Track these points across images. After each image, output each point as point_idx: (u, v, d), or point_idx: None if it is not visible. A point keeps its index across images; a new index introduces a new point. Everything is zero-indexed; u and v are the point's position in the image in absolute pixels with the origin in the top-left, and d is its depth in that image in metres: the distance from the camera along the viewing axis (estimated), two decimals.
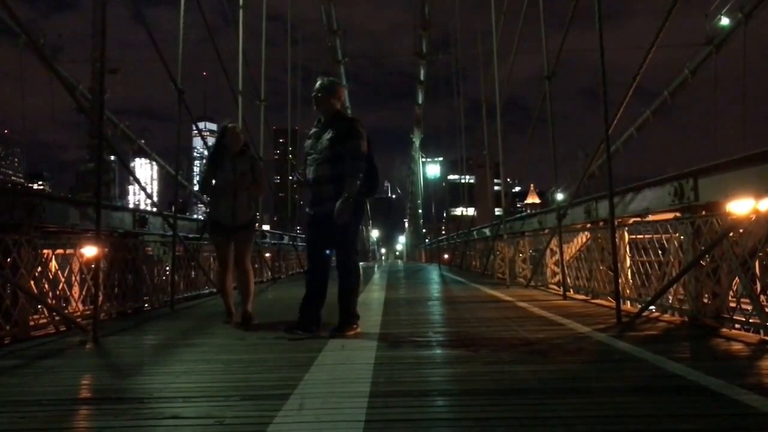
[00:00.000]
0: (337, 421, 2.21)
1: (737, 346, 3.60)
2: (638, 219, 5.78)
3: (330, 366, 3.25)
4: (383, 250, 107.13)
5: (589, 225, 7.12)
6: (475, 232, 16.78)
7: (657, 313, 5.11)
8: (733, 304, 4.22)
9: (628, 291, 5.94)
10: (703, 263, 4.45)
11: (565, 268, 7.55)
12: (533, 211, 12.70)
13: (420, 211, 51.58)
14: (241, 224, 5.02)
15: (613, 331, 4.26)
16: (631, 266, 6.01)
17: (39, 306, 4.99)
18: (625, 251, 6.02)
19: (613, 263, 5.03)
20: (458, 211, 36.85)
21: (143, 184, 9.06)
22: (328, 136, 4.34)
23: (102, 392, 2.86)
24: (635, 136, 18.49)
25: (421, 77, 31.03)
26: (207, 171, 5.15)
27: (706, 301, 4.46)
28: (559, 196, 9.11)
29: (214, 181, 5.12)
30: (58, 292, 5.31)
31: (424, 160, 44.32)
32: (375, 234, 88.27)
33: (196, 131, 10.58)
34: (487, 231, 14.52)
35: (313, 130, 4.55)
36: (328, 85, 4.52)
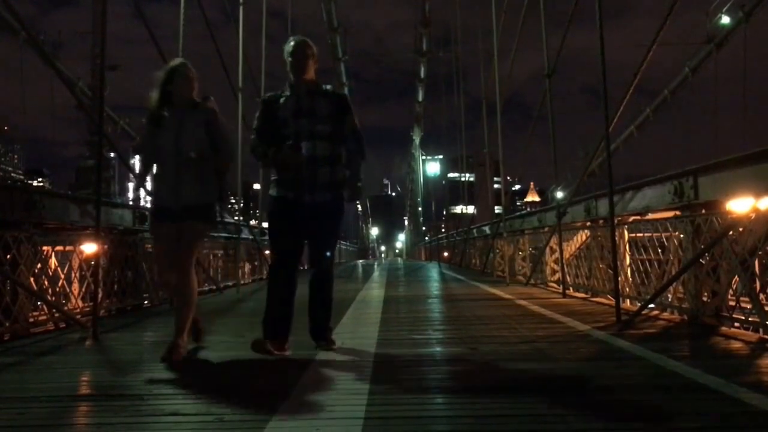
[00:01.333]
0: (336, 418, 2.21)
1: (736, 345, 3.60)
2: (638, 217, 5.78)
3: (329, 363, 3.25)
4: (383, 248, 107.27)
5: (588, 223, 7.12)
6: (474, 230, 16.79)
7: (656, 312, 5.11)
8: (732, 303, 4.22)
9: (627, 289, 5.94)
10: (703, 262, 4.45)
11: (565, 266, 7.55)
12: (533, 209, 12.70)
13: (420, 209, 51.58)
14: (188, 206, 3.48)
15: (613, 330, 4.26)
16: (630, 264, 6.01)
17: (39, 303, 4.99)
18: (625, 249, 6.03)
19: (612, 261, 5.03)
20: (458, 208, 36.87)
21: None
22: (323, 110, 3.56)
23: (101, 389, 2.86)
24: (635, 134, 18.49)
25: (422, 75, 30.95)
26: (146, 136, 3.64)
27: (705, 299, 4.46)
28: (559, 194, 9.10)
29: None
30: (57, 289, 5.31)
31: (424, 157, 44.30)
32: (375, 231, 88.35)
33: None
34: (486, 229, 14.53)
35: (284, 99, 3.61)
36: (311, 45, 3.65)
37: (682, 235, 4.85)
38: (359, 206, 60.22)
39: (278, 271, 3.63)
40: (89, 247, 5.52)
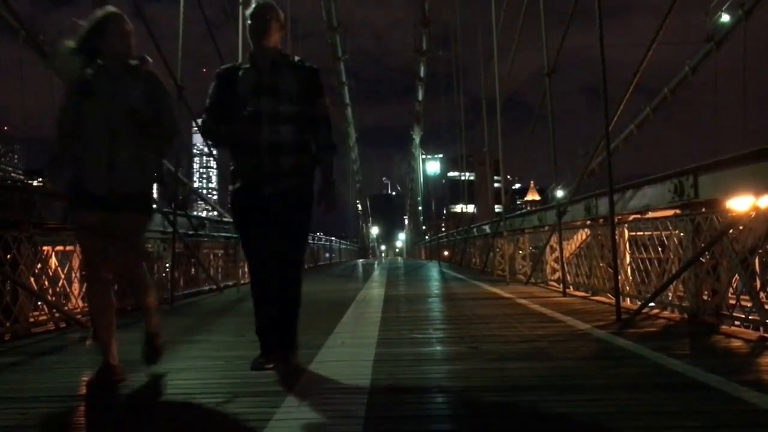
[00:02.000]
0: (337, 417, 2.22)
1: (737, 343, 3.60)
2: (638, 216, 5.78)
3: (330, 363, 3.25)
4: (383, 247, 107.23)
5: (589, 222, 7.12)
6: (475, 229, 16.78)
7: (657, 310, 5.11)
8: (732, 301, 4.22)
9: (627, 288, 5.94)
10: (703, 260, 4.45)
11: (565, 265, 7.55)
12: (533, 208, 12.70)
13: (420, 208, 51.58)
14: (125, 194, 2.86)
15: (613, 328, 4.26)
16: (630, 263, 6.01)
17: (39, 303, 4.99)
18: (625, 248, 6.03)
19: (612, 260, 5.03)
20: (458, 208, 36.92)
21: None
22: (289, 86, 3.02)
23: (101, 389, 2.86)
24: (635, 133, 18.51)
25: (421, 74, 30.99)
26: (69, 106, 2.89)
27: (705, 298, 4.46)
28: (559, 193, 9.10)
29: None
30: (57, 289, 5.31)
31: (424, 156, 44.31)
32: (375, 231, 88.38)
33: (195, 128, 10.58)
34: (486, 228, 14.53)
35: (243, 72, 3.07)
36: (275, 8, 3.08)
37: (682, 234, 4.85)
38: (359, 205, 60.18)
39: (260, 281, 3.18)
40: None
